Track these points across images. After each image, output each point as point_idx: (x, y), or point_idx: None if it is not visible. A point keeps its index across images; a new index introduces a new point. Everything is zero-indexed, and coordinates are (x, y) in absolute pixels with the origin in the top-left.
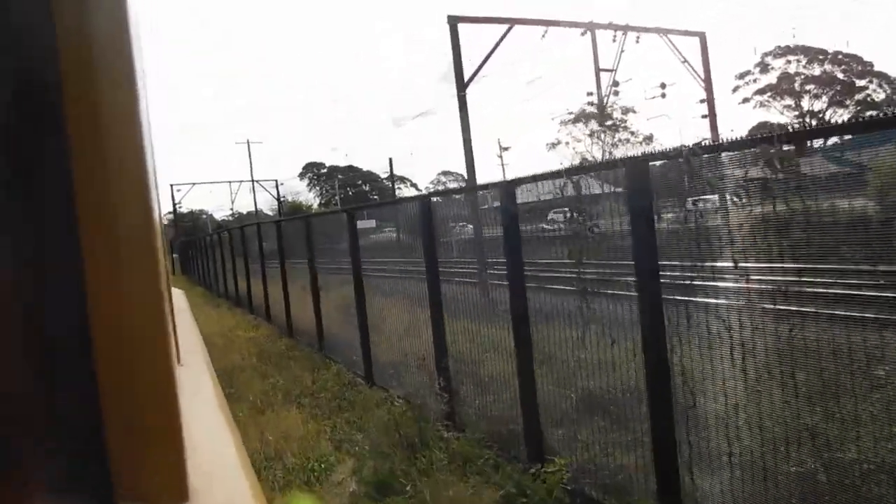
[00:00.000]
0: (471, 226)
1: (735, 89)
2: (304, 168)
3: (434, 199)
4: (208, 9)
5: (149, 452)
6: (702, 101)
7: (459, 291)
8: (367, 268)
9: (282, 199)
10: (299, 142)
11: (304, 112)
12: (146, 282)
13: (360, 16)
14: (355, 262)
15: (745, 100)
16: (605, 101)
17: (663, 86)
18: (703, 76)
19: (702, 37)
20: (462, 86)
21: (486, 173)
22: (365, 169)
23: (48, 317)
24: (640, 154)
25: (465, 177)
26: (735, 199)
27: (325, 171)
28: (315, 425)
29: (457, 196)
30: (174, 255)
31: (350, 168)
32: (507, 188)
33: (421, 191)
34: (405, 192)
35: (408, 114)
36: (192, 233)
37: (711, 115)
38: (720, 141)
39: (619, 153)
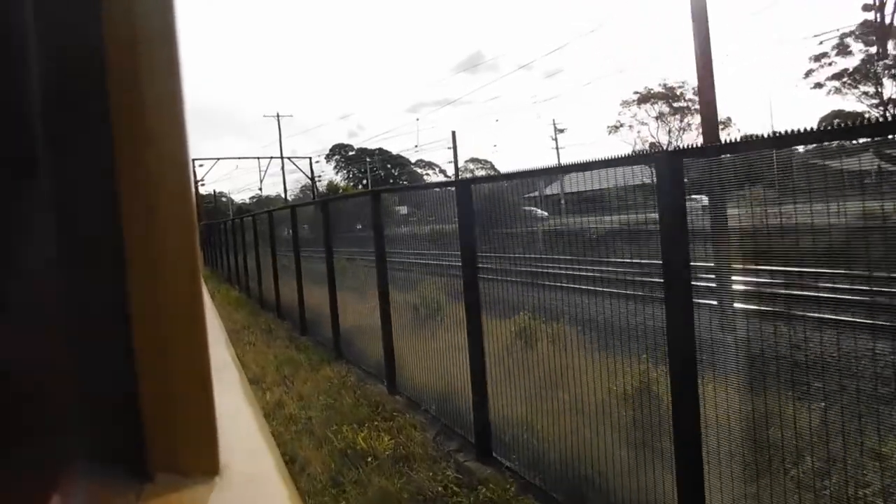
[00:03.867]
0: None
1: (808, 73)
2: (331, 150)
3: None
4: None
5: (183, 429)
6: None
7: None
8: None
9: (317, 177)
10: (313, 124)
11: (320, 98)
12: (183, 261)
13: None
14: None
15: (818, 85)
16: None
17: None
18: None
19: None
20: None
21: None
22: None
23: (88, 295)
24: None
25: (492, 165)
26: None
27: (354, 153)
28: None
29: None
30: None
31: (379, 150)
32: None
33: (449, 177)
34: (432, 178)
35: (422, 102)
36: (213, 215)
37: None
38: None
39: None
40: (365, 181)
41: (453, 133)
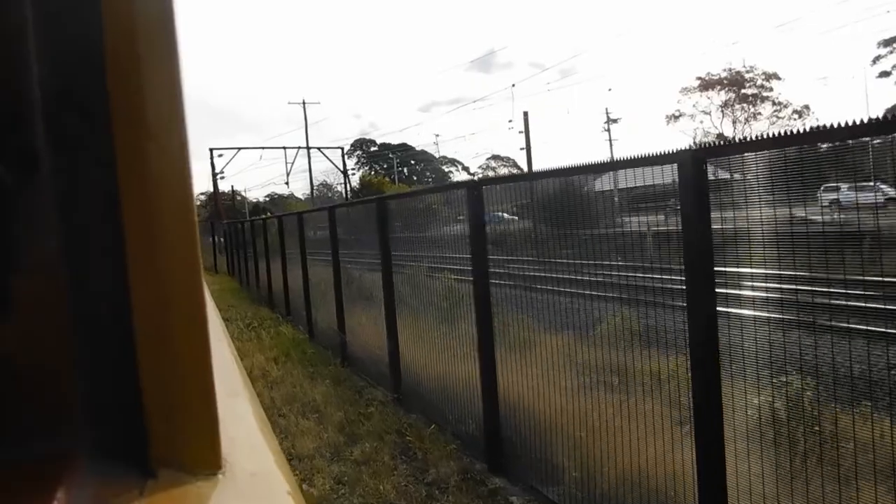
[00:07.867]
0: None
1: (875, 59)
2: (352, 145)
3: None
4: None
5: (185, 425)
6: None
7: None
8: None
9: (351, 171)
10: (320, 118)
11: (329, 94)
12: (184, 257)
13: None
14: None
15: (884, 73)
16: None
17: None
18: None
19: None
20: None
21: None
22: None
23: (89, 291)
24: None
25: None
26: None
27: (376, 148)
28: None
29: None
30: (215, 238)
31: (403, 146)
32: None
33: (472, 175)
34: (456, 175)
35: (435, 101)
36: (229, 214)
37: None
38: None
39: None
40: (388, 177)
41: (525, 114)
